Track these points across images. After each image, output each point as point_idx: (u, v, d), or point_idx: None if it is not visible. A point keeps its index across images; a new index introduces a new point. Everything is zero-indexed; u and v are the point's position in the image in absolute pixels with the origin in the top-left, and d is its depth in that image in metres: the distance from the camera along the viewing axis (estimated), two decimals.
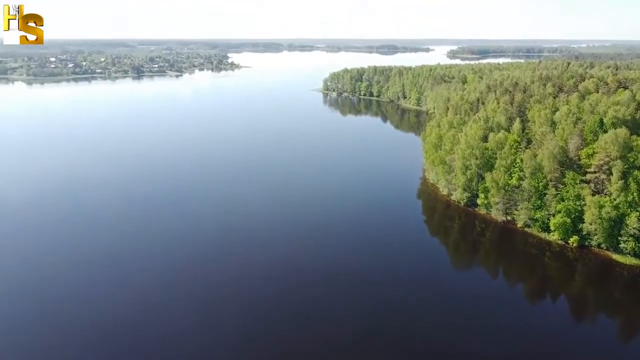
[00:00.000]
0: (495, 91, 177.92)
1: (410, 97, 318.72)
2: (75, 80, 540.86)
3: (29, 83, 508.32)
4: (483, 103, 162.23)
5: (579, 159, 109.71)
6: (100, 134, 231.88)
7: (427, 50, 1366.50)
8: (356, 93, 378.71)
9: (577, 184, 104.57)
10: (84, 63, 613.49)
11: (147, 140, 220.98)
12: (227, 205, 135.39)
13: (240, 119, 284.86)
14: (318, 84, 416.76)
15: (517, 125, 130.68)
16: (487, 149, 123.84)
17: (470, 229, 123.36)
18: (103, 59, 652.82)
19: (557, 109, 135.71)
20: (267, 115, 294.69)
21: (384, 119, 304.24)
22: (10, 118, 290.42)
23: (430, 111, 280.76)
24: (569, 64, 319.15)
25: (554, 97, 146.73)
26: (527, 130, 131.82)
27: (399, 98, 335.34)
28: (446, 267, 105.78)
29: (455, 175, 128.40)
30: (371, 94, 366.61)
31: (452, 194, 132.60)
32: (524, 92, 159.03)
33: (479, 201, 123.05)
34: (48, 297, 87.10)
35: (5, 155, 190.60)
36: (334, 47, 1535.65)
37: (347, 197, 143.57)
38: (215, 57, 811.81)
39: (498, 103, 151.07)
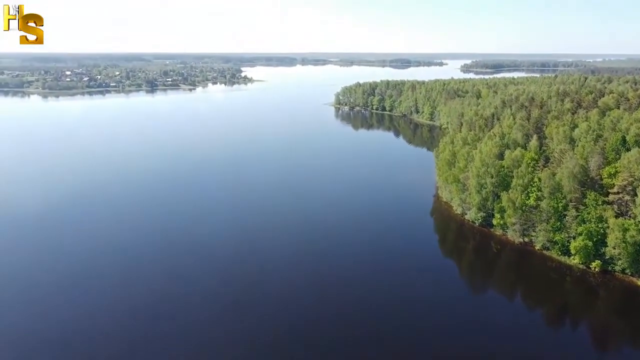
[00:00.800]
0: (510, 106, 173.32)
1: (423, 112, 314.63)
2: (90, 93, 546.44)
3: (44, 96, 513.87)
4: (498, 119, 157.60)
5: (601, 179, 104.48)
6: (112, 147, 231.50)
7: (441, 64, 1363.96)
8: (368, 107, 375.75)
9: (599, 205, 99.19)
10: (99, 77, 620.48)
11: (159, 152, 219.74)
12: (239, 219, 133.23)
13: (251, 133, 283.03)
14: (330, 98, 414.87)
15: (534, 142, 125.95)
16: (502, 167, 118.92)
17: (485, 250, 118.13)
18: (118, 73, 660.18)
19: (576, 126, 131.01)
20: (278, 130, 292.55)
21: (397, 133, 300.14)
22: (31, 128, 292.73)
23: (443, 126, 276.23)
24: (586, 78, 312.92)
25: (573, 113, 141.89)
26: (544, 148, 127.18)
27: (411, 112, 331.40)
28: (460, 289, 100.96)
29: (470, 194, 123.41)
30: (383, 108, 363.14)
31: (466, 214, 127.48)
32: (541, 107, 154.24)
33: (494, 221, 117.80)
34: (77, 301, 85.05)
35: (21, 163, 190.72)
36: (347, 61, 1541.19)
37: (358, 214, 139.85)
38: (229, 70, 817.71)
39: (514, 119, 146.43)
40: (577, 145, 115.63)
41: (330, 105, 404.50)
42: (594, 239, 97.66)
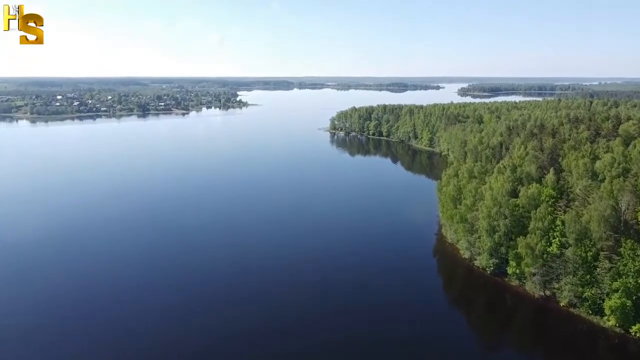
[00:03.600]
0: (518, 134, 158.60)
1: (422, 138, 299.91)
2: (80, 118, 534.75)
3: (33, 121, 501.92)
4: (507, 148, 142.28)
5: (637, 222, 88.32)
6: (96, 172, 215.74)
7: (437, 87, 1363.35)
8: (365, 132, 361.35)
9: (637, 255, 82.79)
10: (90, 101, 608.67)
11: (149, 180, 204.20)
12: (225, 262, 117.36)
13: (241, 160, 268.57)
14: (325, 123, 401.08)
15: (550, 176, 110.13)
16: (517, 206, 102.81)
17: (499, 303, 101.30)
18: (110, 97, 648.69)
19: (598, 157, 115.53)
20: (266, 159, 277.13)
21: (394, 160, 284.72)
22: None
23: (443, 153, 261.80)
24: (591, 102, 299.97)
25: (591, 142, 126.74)
26: (562, 182, 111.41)
27: (409, 138, 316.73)
28: (469, 348, 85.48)
29: (480, 237, 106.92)
30: (380, 134, 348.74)
31: (475, 259, 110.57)
32: (553, 135, 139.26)
33: (509, 270, 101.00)
34: None
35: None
36: (344, 84, 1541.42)
37: (351, 251, 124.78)
38: (224, 95, 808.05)
39: (525, 149, 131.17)
40: (604, 181, 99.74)
41: (325, 130, 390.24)
42: (634, 297, 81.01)
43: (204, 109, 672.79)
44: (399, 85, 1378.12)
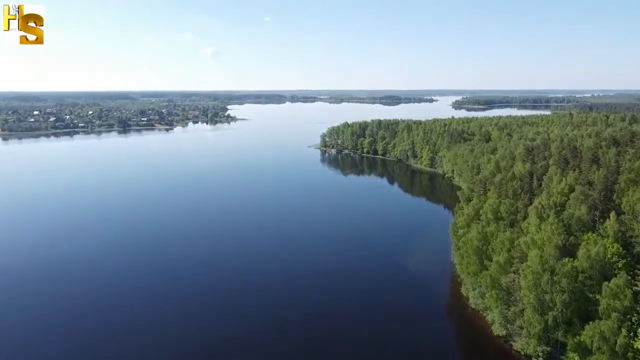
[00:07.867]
0: (545, 158, 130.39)
1: (421, 157, 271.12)
2: (56, 135, 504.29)
3: (5, 138, 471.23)
4: (539, 179, 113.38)
5: None
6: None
7: (431, 100, 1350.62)
8: (358, 150, 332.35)
9: None
10: (68, 117, 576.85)
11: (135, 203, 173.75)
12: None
13: (221, 183, 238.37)
14: (316, 139, 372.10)
15: (612, 223, 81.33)
16: (576, 270, 73.27)
17: None
18: (91, 112, 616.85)
19: None
20: (250, 181, 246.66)
21: (391, 181, 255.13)
22: None
23: (447, 174, 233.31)
24: (607, 117, 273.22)
25: None
26: (622, 227, 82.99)
27: (407, 157, 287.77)
28: None
29: (523, 313, 76.95)
30: (375, 152, 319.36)
31: (514, 340, 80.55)
32: (596, 162, 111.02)
33: None
34: None
35: None
36: (337, 98, 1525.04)
37: (336, 305, 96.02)
38: (212, 109, 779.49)
39: (565, 180, 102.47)
40: None
41: (316, 147, 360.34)
42: None
43: (190, 124, 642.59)
44: (392, 98, 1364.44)
